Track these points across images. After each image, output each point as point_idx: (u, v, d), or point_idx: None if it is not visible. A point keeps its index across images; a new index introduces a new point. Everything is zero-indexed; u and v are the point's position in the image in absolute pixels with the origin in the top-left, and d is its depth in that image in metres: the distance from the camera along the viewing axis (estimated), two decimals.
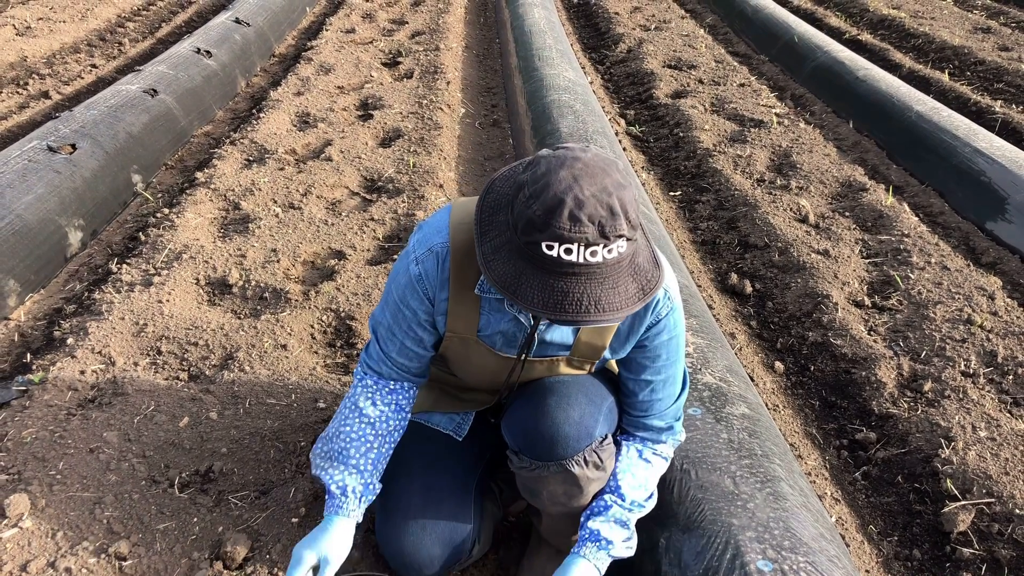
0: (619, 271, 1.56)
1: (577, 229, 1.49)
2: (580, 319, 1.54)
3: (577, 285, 1.53)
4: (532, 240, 1.52)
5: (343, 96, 6.19)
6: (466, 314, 1.94)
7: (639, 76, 7.12)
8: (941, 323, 3.50)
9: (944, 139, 5.17)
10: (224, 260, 3.76)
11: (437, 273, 1.89)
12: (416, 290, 1.92)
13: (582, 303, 1.53)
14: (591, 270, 1.52)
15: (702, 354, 2.77)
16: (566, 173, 1.53)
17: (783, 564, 1.94)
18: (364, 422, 2.08)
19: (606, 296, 1.55)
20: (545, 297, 1.54)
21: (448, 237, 1.88)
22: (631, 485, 2.04)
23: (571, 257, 1.50)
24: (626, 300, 1.57)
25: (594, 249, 1.50)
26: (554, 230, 1.49)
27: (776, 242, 4.23)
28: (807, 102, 6.62)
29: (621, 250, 1.53)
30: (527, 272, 1.56)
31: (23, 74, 6.74)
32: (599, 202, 1.50)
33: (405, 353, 2.04)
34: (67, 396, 2.86)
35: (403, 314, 1.97)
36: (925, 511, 2.72)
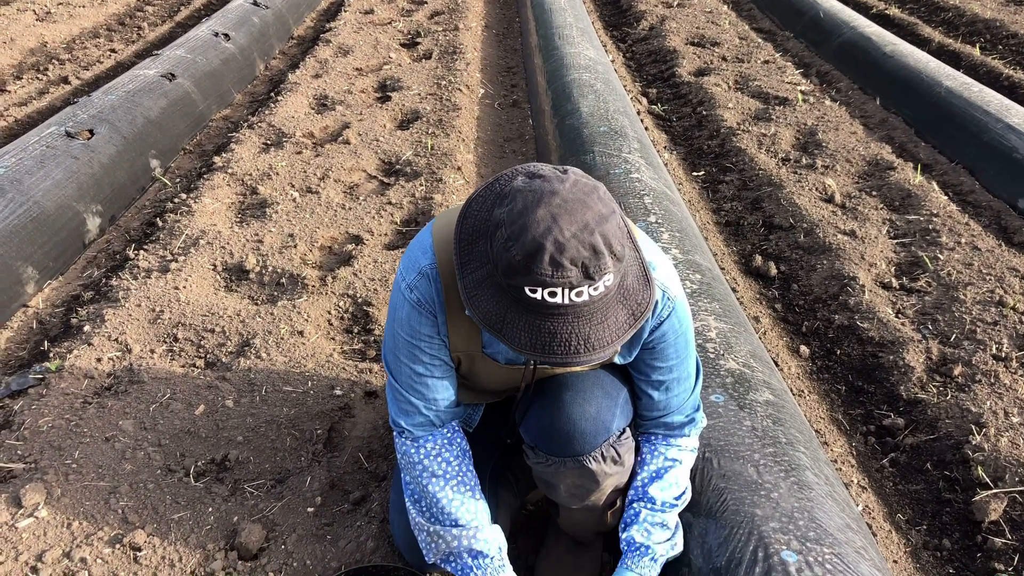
0: (607, 303, 1.49)
1: (560, 274, 1.41)
2: (570, 360, 1.48)
3: (564, 325, 1.47)
4: (514, 284, 1.45)
5: (361, 78, 6.14)
6: (467, 332, 1.86)
7: (661, 54, 7.01)
8: (972, 305, 3.40)
9: (975, 115, 5.03)
10: (241, 245, 3.73)
11: (433, 294, 1.80)
12: (422, 315, 1.82)
13: (571, 343, 1.47)
14: (578, 309, 1.46)
15: (725, 339, 2.70)
16: (543, 212, 1.44)
17: (808, 556, 1.89)
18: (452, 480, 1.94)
19: (595, 333, 1.48)
20: (532, 339, 1.48)
21: (433, 258, 1.79)
22: (660, 488, 2.00)
23: (556, 300, 1.44)
24: (616, 332, 1.51)
25: (579, 290, 1.43)
26: (536, 276, 1.42)
27: (801, 223, 4.14)
28: (833, 79, 6.48)
29: (608, 284, 1.46)
30: (512, 311, 1.50)
31: (43, 60, 6.75)
32: (581, 243, 1.42)
33: (438, 387, 1.93)
34: (83, 384, 2.84)
35: (419, 347, 1.86)
36: (955, 499, 2.65)
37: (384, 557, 2.20)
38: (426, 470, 1.95)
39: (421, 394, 1.92)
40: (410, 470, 1.98)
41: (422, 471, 1.95)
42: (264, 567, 2.18)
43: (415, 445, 1.97)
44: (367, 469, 2.57)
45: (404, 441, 1.99)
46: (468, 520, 1.91)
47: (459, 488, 1.93)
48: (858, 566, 1.90)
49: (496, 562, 1.90)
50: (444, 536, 1.91)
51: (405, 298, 1.82)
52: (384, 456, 2.61)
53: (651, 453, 2.04)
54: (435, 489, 1.93)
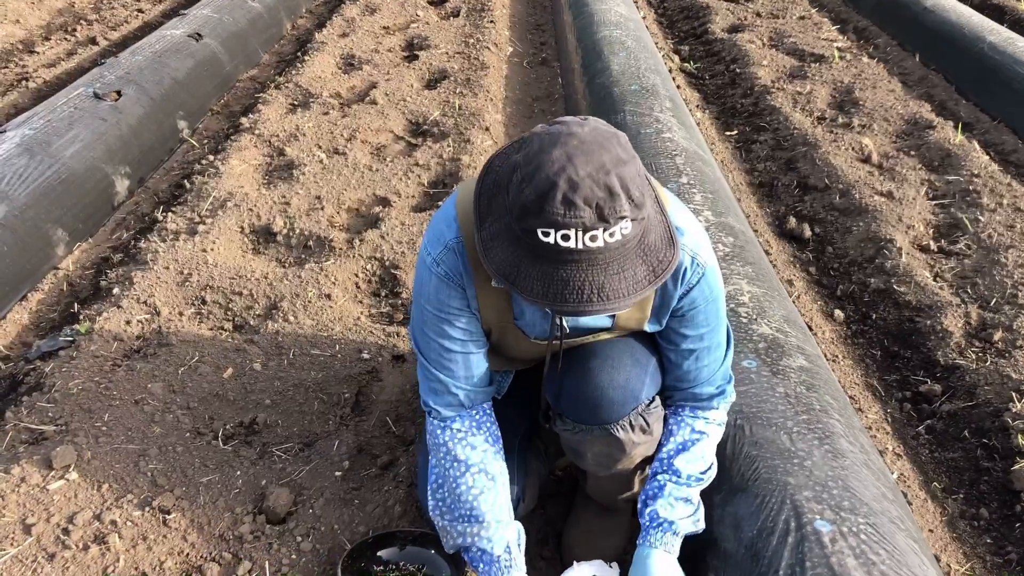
0: (625, 254, 1.43)
1: (572, 214, 1.36)
2: (582, 309, 1.42)
3: (578, 272, 1.41)
4: (528, 227, 1.41)
5: (388, 36, 6.07)
6: (497, 305, 1.82)
7: (694, 10, 6.86)
8: (1013, 268, 3.31)
9: (1019, 71, 4.87)
10: (268, 208, 3.71)
11: (460, 268, 1.75)
12: (450, 288, 1.77)
13: (584, 292, 1.41)
14: (592, 256, 1.40)
15: (758, 303, 2.65)
16: (559, 152, 1.40)
17: (842, 526, 1.85)
18: (475, 470, 1.89)
19: (611, 283, 1.42)
20: (545, 287, 1.43)
21: (459, 230, 1.74)
22: (686, 460, 1.95)
23: (569, 244, 1.38)
24: (634, 285, 1.44)
25: (593, 234, 1.38)
26: (548, 216, 1.37)
27: (837, 183, 4.04)
28: (871, 35, 6.31)
29: (625, 232, 1.40)
30: (525, 260, 1.45)
31: (71, 20, 6.73)
32: (595, 182, 1.37)
33: (467, 362, 1.88)
34: (113, 347, 2.85)
35: (448, 320, 1.81)
36: (994, 468, 2.59)
37: (412, 522, 2.19)
38: (449, 453, 1.91)
39: (450, 371, 1.88)
40: (435, 452, 1.95)
41: (446, 454, 1.92)
42: (292, 531, 2.18)
43: (442, 426, 1.93)
44: (395, 433, 2.56)
45: (432, 421, 1.95)
46: (482, 513, 1.86)
47: (480, 477, 1.88)
48: (894, 537, 1.87)
49: (504, 562, 1.86)
50: (452, 532, 1.90)
51: (432, 272, 1.78)
52: (411, 420, 2.60)
53: (678, 425, 1.99)
54: (456, 474, 1.90)
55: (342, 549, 2.12)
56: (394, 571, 2.03)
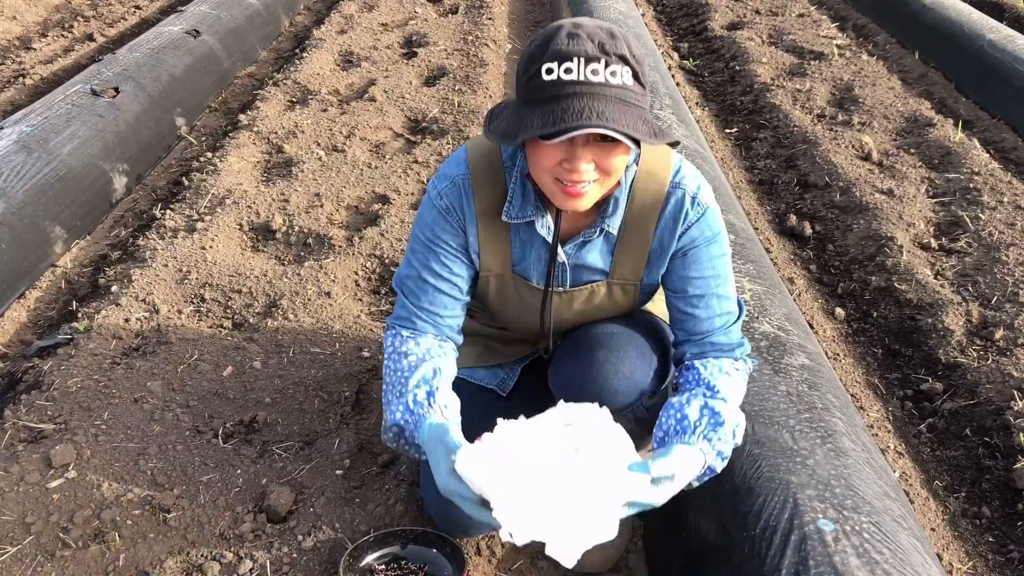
0: (626, 103, 1.51)
1: (575, 43, 1.48)
2: (578, 124, 1.46)
3: (579, 102, 1.48)
4: (534, 72, 1.51)
5: (387, 33, 6.06)
6: (498, 246, 1.86)
7: (693, 7, 6.86)
8: (1014, 267, 3.31)
9: (1019, 69, 4.88)
10: (267, 205, 3.70)
11: (462, 203, 1.83)
12: (447, 222, 1.84)
13: (583, 114, 1.47)
14: (594, 89, 1.48)
15: (759, 301, 2.64)
16: (566, 20, 1.55)
17: (844, 524, 1.85)
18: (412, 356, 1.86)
19: (609, 111, 1.48)
20: (544, 119, 1.50)
21: (467, 168, 1.83)
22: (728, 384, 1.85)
23: (571, 76, 1.48)
24: (632, 125, 1.50)
25: (595, 67, 1.48)
26: (553, 49, 1.49)
27: (837, 181, 4.04)
28: (870, 32, 6.31)
29: (626, 80, 1.50)
30: (529, 112, 1.53)
31: (68, 16, 6.72)
32: (598, 27, 1.51)
33: (439, 301, 1.90)
34: (111, 345, 2.84)
35: (434, 252, 1.86)
36: (995, 466, 2.59)
37: (413, 520, 2.18)
38: (395, 351, 1.88)
39: (419, 302, 1.89)
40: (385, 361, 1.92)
41: (391, 354, 1.89)
42: (293, 529, 2.17)
43: (393, 334, 1.92)
44: None
45: (387, 334, 1.94)
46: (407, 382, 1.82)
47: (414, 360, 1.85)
48: (896, 535, 1.86)
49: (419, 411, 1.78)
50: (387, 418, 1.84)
51: (434, 204, 1.85)
52: None
53: (704, 367, 1.88)
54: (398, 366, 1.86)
55: (343, 548, 2.10)
56: (396, 570, 2.03)
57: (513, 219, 1.82)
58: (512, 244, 1.87)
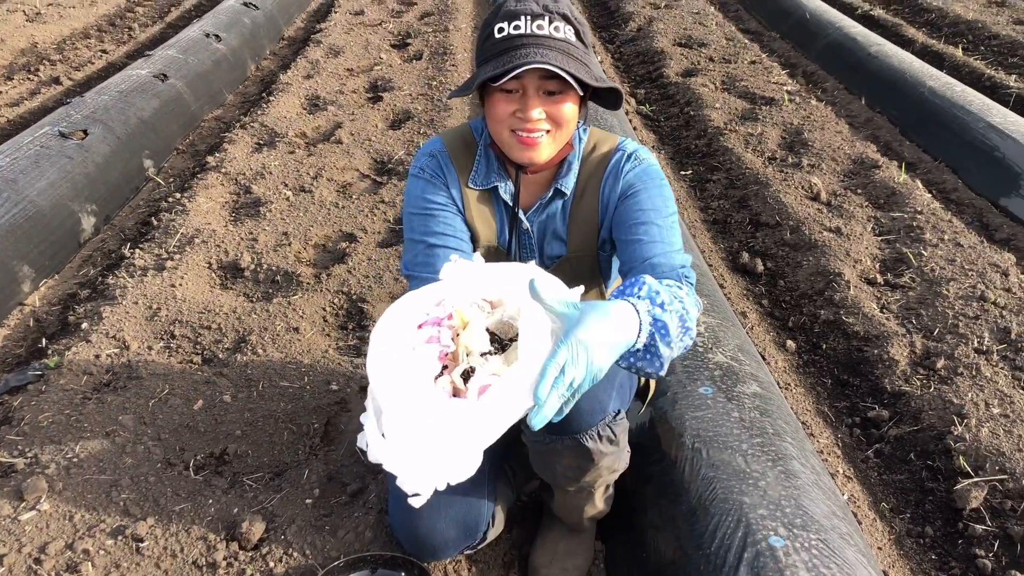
0: (569, 52, 1.76)
1: (522, 4, 1.77)
2: (525, 61, 1.69)
3: (526, 50, 1.73)
4: (489, 32, 1.79)
5: (353, 78, 6.18)
6: (485, 217, 2.04)
7: (649, 55, 7.07)
8: (954, 300, 3.48)
9: (957, 115, 5.12)
10: (236, 244, 3.77)
11: (443, 172, 2.03)
12: (434, 186, 2.02)
13: (528, 56, 1.71)
14: (540, 40, 1.74)
15: (713, 333, 2.76)
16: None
17: (795, 541, 1.95)
18: None
19: (554, 56, 1.72)
20: (496, 67, 1.73)
21: (442, 144, 2.06)
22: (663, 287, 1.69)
23: (519, 31, 1.74)
24: (575, 69, 1.74)
25: (540, 23, 1.75)
26: (503, 11, 1.77)
27: (788, 220, 4.21)
28: (819, 79, 6.56)
29: (568, 35, 1.77)
30: (483, 68, 1.79)
31: (34, 60, 6.76)
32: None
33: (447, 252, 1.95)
34: (82, 380, 2.88)
35: (431, 216, 1.99)
36: (938, 488, 2.72)
37: (383, 546, 2.24)
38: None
39: (433, 266, 1.89)
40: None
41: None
42: (265, 557, 2.22)
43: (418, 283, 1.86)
44: (364, 462, 2.62)
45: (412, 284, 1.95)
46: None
47: None
48: (843, 551, 1.97)
49: None
50: None
51: (418, 178, 2.03)
52: None
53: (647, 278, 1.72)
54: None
55: (314, 574, 2.16)
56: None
57: (479, 186, 2.01)
58: (495, 214, 2.05)
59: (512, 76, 1.74)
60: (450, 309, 1.52)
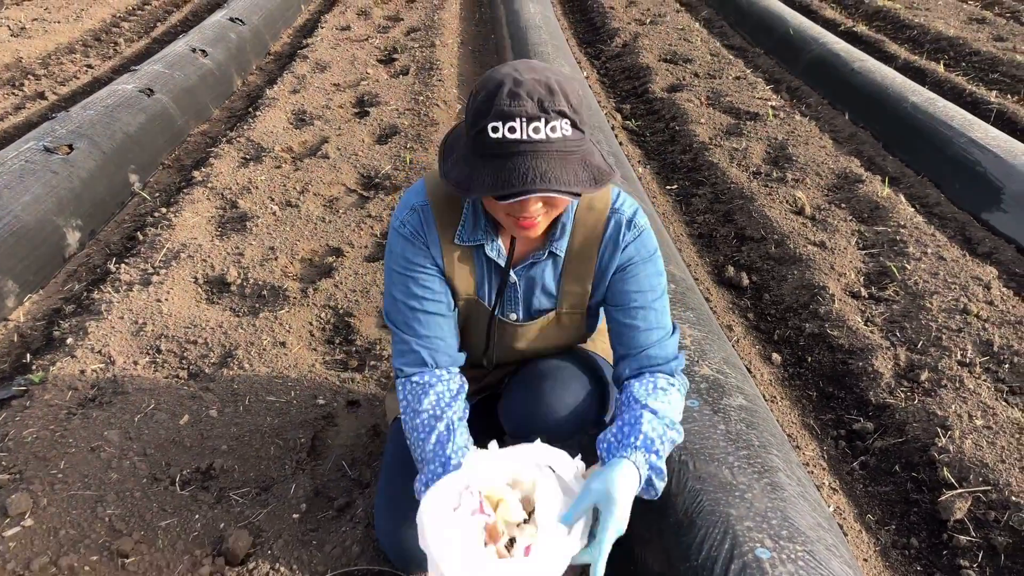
0: (567, 154, 1.63)
1: (516, 104, 1.58)
2: (528, 188, 1.58)
3: (523, 161, 1.59)
4: (480, 129, 1.61)
5: (339, 93, 6.20)
6: (465, 270, 1.98)
7: (635, 70, 7.12)
8: (937, 313, 3.51)
9: (940, 130, 5.17)
10: (222, 258, 3.76)
11: (423, 229, 1.94)
12: (415, 246, 1.95)
13: (528, 176, 1.58)
14: (536, 147, 1.59)
15: (699, 346, 2.77)
16: (508, 67, 1.66)
17: (781, 553, 1.95)
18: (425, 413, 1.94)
19: (553, 171, 1.60)
20: (495, 179, 1.60)
21: (425, 196, 1.95)
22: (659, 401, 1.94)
23: (515, 135, 1.58)
24: (576, 180, 1.63)
25: (536, 125, 1.58)
26: (496, 109, 1.58)
27: (772, 234, 4.24)
28: (803, 94, 6.62)
29: (566, 132, 1.61)
30: (479, 166, 1.64)
31: (18, 75, 6.74)
32: (537, 81, 1.60)
33: (432, 323, 1.98)
34: (67, 395, 2.87)
35: (412, 277, 1.95)
36: (922, 499, 2.74)
37: (370, 561, 2.24)
38: (409, 406, 1.97)
39: (414, 329, 1.97)
40: (401, 410, 2.00)
41: (405, 408, 1.98)
42: (252, 572, 2.21)
43: (403, 382, 2.00)
44: (351, 476, 2.62)
45: (398, 382, 2.02)
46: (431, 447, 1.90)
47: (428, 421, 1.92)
48: (829, 563, 1.97)
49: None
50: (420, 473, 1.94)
51: (398, 233, 1.95)
52: (367, 463, 2.66)
53: (640, 382, 2.00)
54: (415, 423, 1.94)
55: None
56: None
57: (465, 242, 1.95)
58: (475, 267, 1.99)
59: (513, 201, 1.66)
60: (481, 491, 1.76)
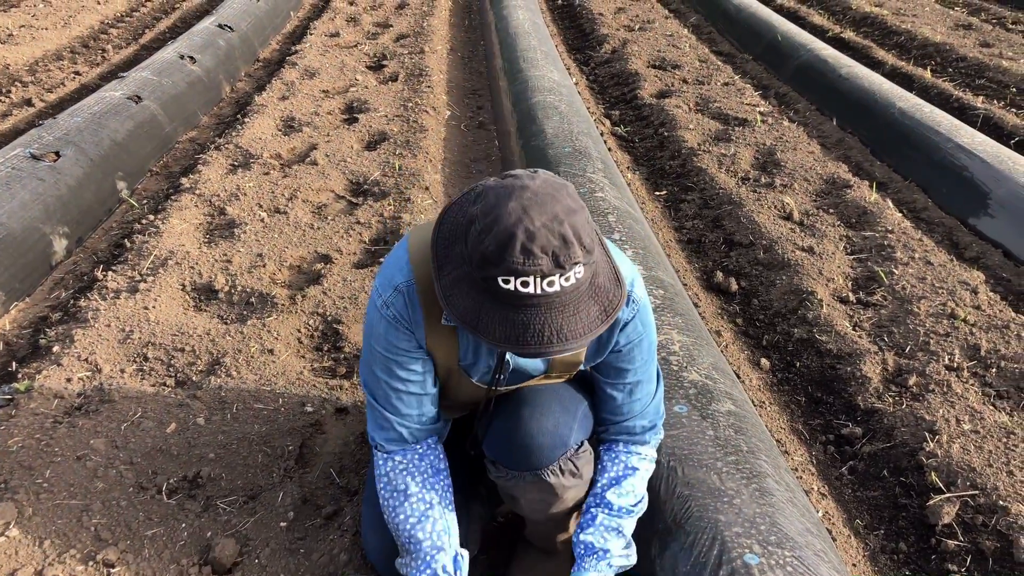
0: (579, 297, 1.54)
1: (531, 263, 1.46)
2: (543, 351, 1.52)
3: (537, 316, 1.51)
4: (488, 275, 1.50)
5: (328, 100, 6.19)
6: (446, 344, 1.89)
7: (624, 76, 7.14)
8: (925, 318, 3.52)
9: (927, 135, 5.19)
10: (210, 266, 3.75)
11: (408, 312, 1.83)
12: (398, 330, 1.85)
13: (543, 334, 1.51)
14: (550, 300, 1.51)
15: (688, 352, 2.78)
16: (515, 204, 1.50)
17: (770, 559, 1.96)
18: (414, 500, 1.96)
19: (568, 324, 1.53)
20: (507, 331, 1.52)
21: (410, 273, 1.82)
22: (617, 494, 2.04)
23: (528, 290, 1.49)
24: (588, 325, 1.55)
25: (551, 279, 1.48)
26: (508, 265, 1.47)
27: (761, 240, 4.24)
28: (791, 100, 6.64)
29: (579, 276, 1.52)
30: (487, 306, 1.54)
31: (5, 82, 6.71)
32: (551, 232, 1.47)
33: (413, 403, 1.95)
34: (53, 404, 2.85)
35: (396, 361, 1.89)
36: (911, 504, 2.74)
37: (357, 569, 2.23)
38: (390, 484, 1.97)
39: (396, 409, 1.95)
40: (378, 483, 2.01)
41: (385, 485, 1.98)
42: None
43: (384, 458, 2.00)
44: (339, 484, 2.61)
45: (377, 454, 2.03)
46: (417, 541, 1.91)
47: (417, 505, 1.94)
48: (818, 568, 1.98)
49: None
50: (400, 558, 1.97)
51: (382, 315, 1.85)
52: (355, 471, 2.65)
53: (611, 460, 2.08)
54: (395, 504, 1.96)
55: None
56: None
57: (450, 323, 1.84)
58: (460, 341, 1.90)
59: None
60: None
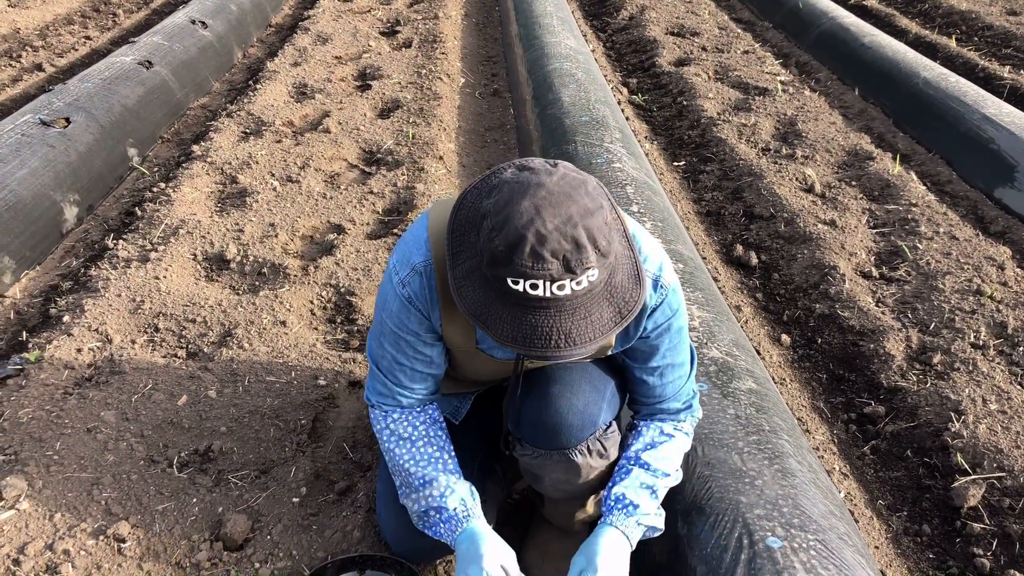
0: (592, 299, 1.48)
1: (540, 267, 1.41)
2: (549, 354, 1.48)
3: (546, 318, 1.46)
4: (497, 275, 1.45)
5: (341, 66, 6.10)
6: (462, 328, 1.84)
7: (641, 44, 7.02)
8: (950, 294, 3.44)
9: (952, 106, 5.08)
10: (221, 235, 3.70)
11: (425, 293, 1.79)
12: (411, 311, 1.81)
13: (551, 338, 1.47)
14: (560, 303, 1.45)
15: (708, 328, 2.72)
16: (528, 204, 1.44)
17: (792, 542, 1.91)
18: (418, 441, 1.95)
19: (577, 327, 1.48)
20: (514, 330, 1.48)
21: (429, 253, 1.77)
22: (654, 456, 1.97)
23: (537, 292, 1.44)
24: (600, 328, 1.50)
25: (561, 283, 1.43)
26: (517, 267, 1.42)
27: (782, 212, 4.16)
28: (812, 69, 6.52)
29: (592, 279, 1.45)
30: (496, 303, 1.50)
31: (16, 46, 6.65)
32: (563, 235, 1.42)
33: (417, 378, 1.93)
34: (64, 375, 2.82)
35: (405, 339, 1.85)
36: (935, 486, 2.69)
37: (371, 546, 2.20)
38: (393, 434, 1.96)
39: (398, 380, 1.93)
40: (380, 438, 2.00)
41: (389, 436, 1.97)
42: (250, 557, 2.17)
43: (384, 415, 1.99)
44: (352, 459, 2.57)
45: (374, 412, 2.01)
46: (432, 476, 1.90)
47: (424, 448, 1.94)
48: (842, 552, 1.93)
49: (460, 513, 1.87)
50: (412, 506, 1.93)
51: (397, 293, 1.81)
52: (369, 446, 2.61)
53: (647, 427, 2.02)
54: (402, 452, 1.94)
55: (301, 574, 2.11)
56: None
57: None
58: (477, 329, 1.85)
59: None
60: None
